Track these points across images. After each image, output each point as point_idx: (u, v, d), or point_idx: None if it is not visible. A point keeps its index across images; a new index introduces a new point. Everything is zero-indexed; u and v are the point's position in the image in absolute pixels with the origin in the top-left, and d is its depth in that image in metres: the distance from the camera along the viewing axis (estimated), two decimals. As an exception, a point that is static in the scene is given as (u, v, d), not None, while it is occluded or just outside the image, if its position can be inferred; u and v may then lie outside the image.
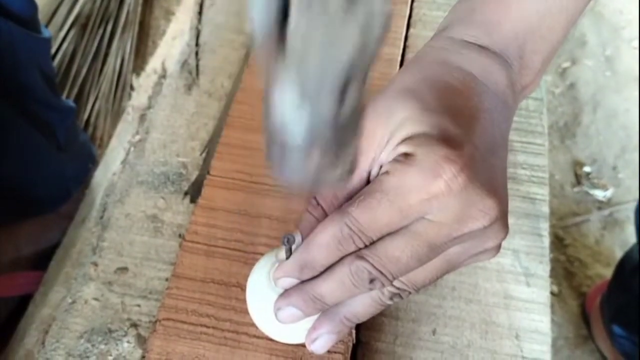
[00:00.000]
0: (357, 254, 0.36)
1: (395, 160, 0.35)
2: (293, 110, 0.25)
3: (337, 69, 0.23)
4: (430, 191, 0.33)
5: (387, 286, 0.37)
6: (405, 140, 0.35)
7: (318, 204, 0.38)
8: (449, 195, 0.33)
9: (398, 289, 0.37)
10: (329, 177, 0.29)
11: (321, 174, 0.28)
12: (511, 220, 0.56)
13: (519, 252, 0.55)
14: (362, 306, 0.38)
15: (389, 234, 0.35)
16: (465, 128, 0.36)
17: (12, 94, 0.71)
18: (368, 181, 0.37)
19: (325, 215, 0.38)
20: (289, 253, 0.38)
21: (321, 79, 0.24)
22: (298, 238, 0.38)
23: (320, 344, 0.40)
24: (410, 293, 0.38)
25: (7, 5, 0.66)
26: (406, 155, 0.35)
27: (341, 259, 0.36)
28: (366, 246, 0.36)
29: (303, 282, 0.38)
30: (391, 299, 0.38)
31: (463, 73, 0.39)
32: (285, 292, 0.39)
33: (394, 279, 0.36)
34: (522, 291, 0.53)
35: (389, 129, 0.36)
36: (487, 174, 0.35)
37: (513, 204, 0.57)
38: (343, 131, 0.26)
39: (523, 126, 0.63)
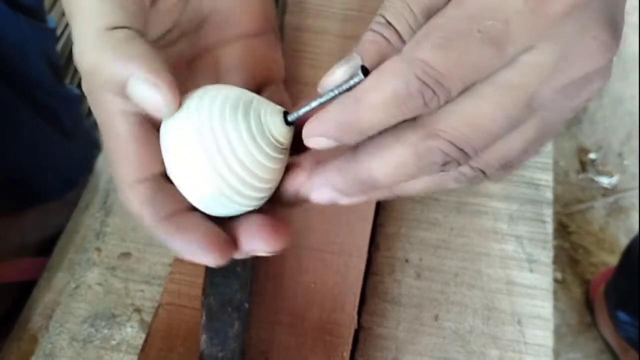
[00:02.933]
0: (428, 129, 0.26)
1: None
2: None
3: None
4: (538, 18, 0.24)
5: (462, 167, 0.27)
6: None
7: (389, 23, 0.26)
8: (557, 26, 0.24)
9: (474, 168, 0.28)
10: None
11: None
12: (515, 207, 0.56)
13: (522, 238, 0.55)
14: (416, 184, 0.29)
15: (469, 92, 0.25)
16: None
17: (19, 84, 0.71)
18: None
19: (400, 39, 0.27)
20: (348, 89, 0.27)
21: None
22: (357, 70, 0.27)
23: (321, 196, 0.30)
24: (486, 176, 0.28)
25: None
26: None
27: (401, 129, 0.27)
28: (442, 105, 0.25)
29: (347, 157, 0.29)
30: (459, 182, 0.28)
31: None
32: (321, 168, 0.30)
33: (476, 154, 0.26)
34: (525, 277, 0.53)
35: None
36: (604, 6, 0.25)
37: (517, 190, 0.57)
38: None
39: (527, 112, 0.62)
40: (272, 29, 0.37)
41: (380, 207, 0.55)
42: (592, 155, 1.44)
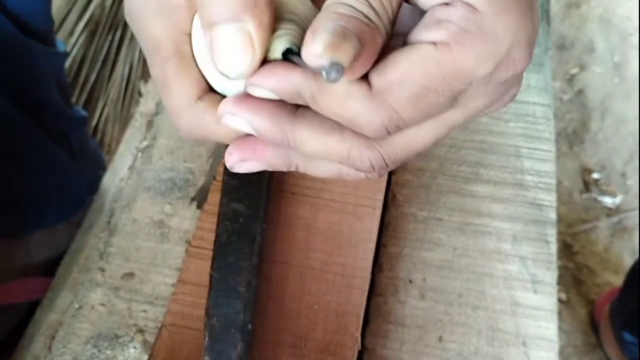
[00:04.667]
0: (371, 141, 0.28)
1: (452, 23, 0.26)
2: None
3: None
4: (494, 81, 0.27)
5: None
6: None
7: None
8: (486, 84, 0.27)
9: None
10: None
11: None
12: (518, 227, 0.56)
13: (526, 258, 0.54)
14: (325, 167, 0.31)
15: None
16: None
17: (30, 106, 0.72)
18: None
19: (378, 17, 0.27)
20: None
21: None
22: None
23: (246, 168, 0.31)
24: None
25: (26, 21, 0.67)
26: (473, 10, 0.26)
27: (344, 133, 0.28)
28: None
29: (285, 113, 0.29)
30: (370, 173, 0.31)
31: None
32: (264, 106, 0.28)
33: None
34: (529, 298, 0.52)
35: None
36: (531, 26, 0.28)
37: (520, 210, 0.57)
38: None
39: (530, 132, 0.62)
40: None
41: (384, 228, 0.55)
42: (595, 175, 1.44)
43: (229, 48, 0.26)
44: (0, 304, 0.76)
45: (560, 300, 1.11)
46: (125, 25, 1.38)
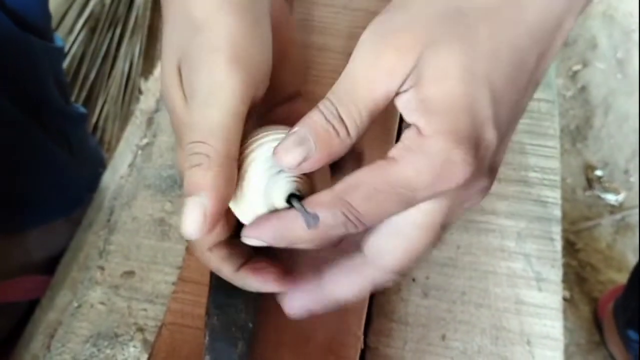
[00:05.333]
0: (379, 268, 0.35)
1: (405, 145, 0.32)
2: None
3: None
4: (438, 189, 0.32)
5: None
6: (429, 104, 0.31)
7: (341, 119, 0.33)
8: (456, 190, 0.32)
9: (399, 274, 0.35)
10: None
11: None
12: (522, 224, 0.56)
13: (530, 256, 0.54)
14: (359, 291, 0.36)
15: (400, 235, 0.34)
16: (501, 101, 0.32)
17: (29, 103, 0.71)
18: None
19: (347, 133, 0.33)
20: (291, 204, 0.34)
21: None
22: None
23: (298, 314, 0.37)
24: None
25: (23, 16, 0.66)
26: (419, 136, 0.31)
27: (356, 267, 0.35)
28: (358, 232, 0.33)
29: (314, 288, 0.37)
30: (392, 282, 0.36)
31: (529, 22, 0.33)
32: (298, 296, 0.37)
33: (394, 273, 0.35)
34: (534, 296, 0.52)
35: (427, 68, 0.32)
36: (500, 152, 0.34)
37: (525, 207, 0.56)
38: None
39: (535, 129, 0.62)
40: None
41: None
42: (598, 173, 1.44)
43: (186, 215, 0.33)
44: (1, 302, 0.76)
45: (563, 298, 1.11)
46: (125, 22, 1.37)
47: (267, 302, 0.43)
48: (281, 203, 0.35)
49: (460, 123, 0.31)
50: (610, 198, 1.41)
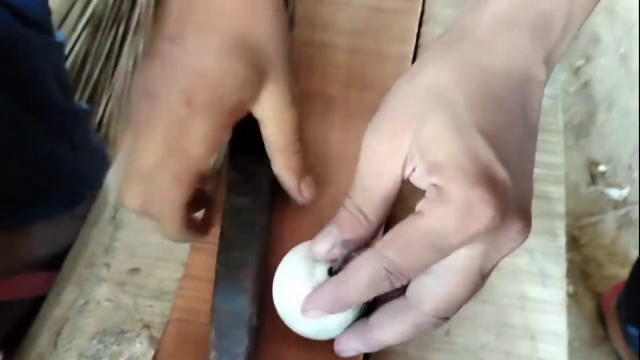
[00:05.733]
0: (421, 312, 0.37)
1: (428, 198, 0.35)
2: None
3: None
4: (468, 233, 0.34)
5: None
6: (435, 167, 0.35)
7: (361, 210, 0.39)
8: (487, 233, 0.34)
9: (441, 319, 0.38)
10: None
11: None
12: (526, 220, 0.56)
13: (534, 252, 0.54)
14: (402, 335, 0.39)
15: (439, 279, 0.36)
16: (498, 144, 0.35)
17: (30, 99, 0.71)
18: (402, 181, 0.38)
19: (367, 220, 0.39)
20: (342, 262, 0.39)
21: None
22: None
23: (347, 354, 0.42)
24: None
25: (22, 10, 0.66)
26: (438, 189, 0.35)
27: (400, 311, 0.38)
28: (404, 285, 0.37)
29: (361, 328, 0.41)
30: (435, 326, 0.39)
31: (496, 64, 0.37)
32: (347, 338, 0.41)
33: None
34: (538, 292, 0.52)
35: (418, 142, 0.36)
36: (518, 189, 0.36)
37: (528, 203, 0.56)
38: None
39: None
40: None
41: (390, 221, 0.54)
42: (601, 168, 1.44)
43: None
44: (4, 299, 0.76)
45: (567, 293, 1.11)
46: (129, 20, 1.37)
47: (272, 300, 0.43)
48: (324, 277, 0.40)
49: (468, 169, 0.34)
50: (614, 193, 1.40)
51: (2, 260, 0.76)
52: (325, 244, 0.39)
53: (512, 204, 0.35)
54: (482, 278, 0.37)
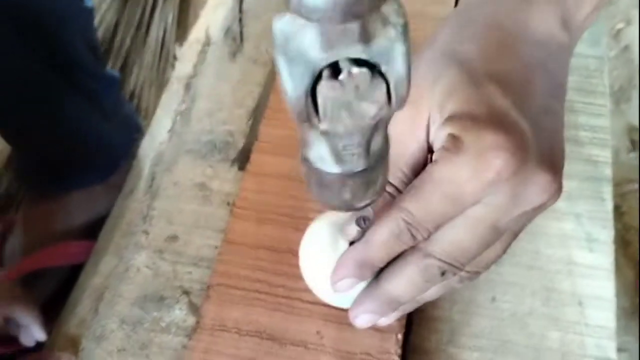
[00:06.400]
0: (424, 252, 0.36)
1: (443, 147, 0.34)
2: (326, 163, 0.29)
3: (364, 127, 0.27)
4: (482, 180, 0.33)
5: (459, 274, 0.37)
6: (451, 118, 0.34)
7: (389, 182, 0.37)
8: (502, 182, 0.33)
9: (469, 272, 0.37)
10: (362, 200, 0.32)
11: (354, 199, 0.32)
12: (573, 184, 0.54)
13: (581, 216, 0.52)
14: (412, 285, 0.37)
15: (449, 223, 0.35)
16: (516, 95, 0.34)
17: (59, 63, 0.71)
18: (428, 147, 0.37)
19: (398, 191, 0.37)
20: (362, 235, 0.37)
21: (350, 136, 0.27)
22: (371, 216, 0.37)
23: (362, 322, 0.40)
24: (481, 273, 0.38)
25: None
26: (453, 138, 0.34)
27: (406, 256, 0.36)
28: (426, 238, 0.35)
29: (371, 286, 0.38)
30: (462, 282, 0.38)
31: (513, 23, 0.37)
32: (358, 300, 0.39)
33: (465, 266, 0.36)
34: (585, 257, 0.51)
35: (435, 100, 0.35)
36: (542, 143, 0.34)
37: (575, 167, 0.55)
38: (372, 169, 0.30)
39: (584, 86, 0.60)
40: None
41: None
42: (641, 134, 1.40)
43: None
44: (44, 267, 0.77)
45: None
46: (157, -10, 1.36)
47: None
48: (346, 245, 0.39)
49: (482, 116, 0.33)
50: (655, 160, 1.37)
51: (40, 228, 0.77)
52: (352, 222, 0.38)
53: (534, 156, 0.33)
54: (495, 231, 0.35)
